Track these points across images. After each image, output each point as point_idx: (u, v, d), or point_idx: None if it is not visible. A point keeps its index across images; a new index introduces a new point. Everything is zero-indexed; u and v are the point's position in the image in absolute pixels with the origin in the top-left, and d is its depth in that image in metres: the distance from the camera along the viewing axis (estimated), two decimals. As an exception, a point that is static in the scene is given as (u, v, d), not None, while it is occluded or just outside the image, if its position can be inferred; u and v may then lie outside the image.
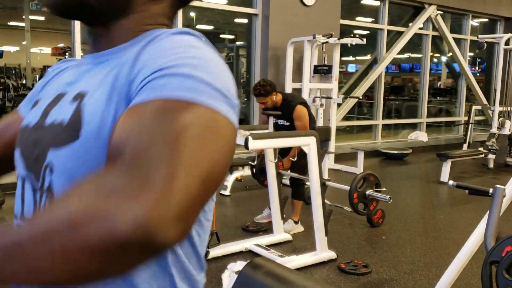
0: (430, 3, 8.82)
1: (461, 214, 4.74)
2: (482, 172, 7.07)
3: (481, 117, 9.90)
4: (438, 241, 3.97)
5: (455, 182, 2.57)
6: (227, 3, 8.53)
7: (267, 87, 3.86)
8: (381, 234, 4.07)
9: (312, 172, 3.36)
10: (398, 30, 8.89)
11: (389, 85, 14.49)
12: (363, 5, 9.00)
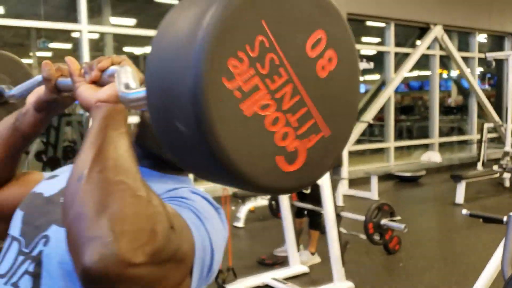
0: (436, 23, 8.88)
1: (479, 236, 4.67)
2: (498, 191, 6.99)
3: (494, 134, 9.82)
4: (456, 267, 3.92)
5: (468, 211, 2.56)
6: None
7: None
8: (398, 262, 4.03)
9: (326, 204, 3.36)
10: (405, 52, 8.94)
11: (399, 104, 14.48)
12: (369, 27, 9.09)
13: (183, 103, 0.49)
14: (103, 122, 0.66)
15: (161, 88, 0.52)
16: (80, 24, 5.73)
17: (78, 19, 5.71)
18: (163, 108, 0.52)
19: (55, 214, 0.77)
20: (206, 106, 0.48)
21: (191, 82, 0.48)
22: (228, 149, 0.50)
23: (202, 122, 0.49)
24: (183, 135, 0.51)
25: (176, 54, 0.51)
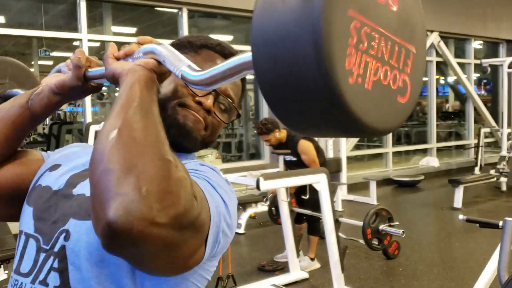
0: (432, 30, 8.96)
1: (476, 240, 4.73)
2: (495, 195, 7.05)
3: (491, 139, 9.89)
4: (455, 271, 3.97)
5: (465, 216, 2.61)
6: (232, 40, 8.76)
7: (268, 126, 3.96)
8: (397, 267, 4.07)
9: (325, 209, 3.41)
10: (402, 58, 9.00)
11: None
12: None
13: (307, 60, 0.51)
14: (139, 83, 0.68)
15: (276, 47, 0.53)
16: (80, 33, 5.78)
17: (79, 28, 5.77)
18: (278, 70, 0.53)
19: (70, 208, 0.78)
20: (331, 64, 0.50)
21: (313, 39, 0.50)
22: (353, 100, 0.53)
23: (327, 75, 0.50)
24: (303, 91, 0.53)
25: (291, 17, 0.52)
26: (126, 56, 0.76)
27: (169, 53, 0.72)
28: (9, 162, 0.88)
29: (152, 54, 0.74)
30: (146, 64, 0.72)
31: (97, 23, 7.96)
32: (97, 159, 0.61)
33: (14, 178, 0.87)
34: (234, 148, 9.34)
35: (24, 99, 0.84)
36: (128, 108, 0.64)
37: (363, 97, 0.54)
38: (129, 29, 9.31)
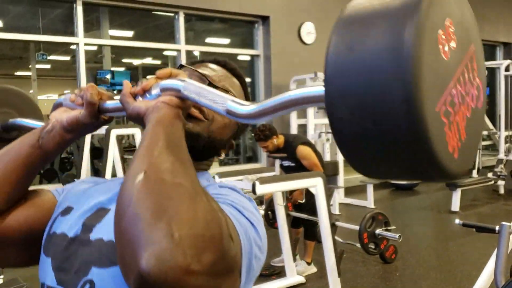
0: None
1: (474, 244, 4.71)
2: (493, 198, 7.04)
3: (489, 142, 9.90)
4: (452, 275, 3.95)
5: (461, 220, 2.60)
6: (229, 43, 8.76)
7: (266, 132, 3.95)
8: (394, 271, 4.06)
9: (321, 213, 3.40)
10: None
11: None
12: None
13: (394, 105, 0.47)
14: (163, 122, 0.66)
15: (358, 92, 0.49)
16: (77, 37, 5.77)
17: (75, 32, 5.76)
18: (359, 110, 0.50)
19: (90, 255, 0.75)
20: (421, 115, 0.47)
21: (404, 89, 0.47)
22: (438, 147, 0.49)
23: (415, 123, 0.47)
24: (382, 133, 0.49)
25: (378, 62, 0.48)
26: (144, 91, 0.73)
27: (201, 89, 0.69)
28: (21, 204, 0.83)
29: (173, 90, 0.71)
30: (170, 101, 0.70)
31: (94, 27, 7.97)
32: (123, 204, 0.58)
33: (28, 221, 0.83)
34: (232, 151, 9.34)
35: (34, 137, 0.80)
36: (154, 148, 0.62)
37: (462, 154, 0.53)
38: (127, 33, 9.32)
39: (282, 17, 7.03)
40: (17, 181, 0.79)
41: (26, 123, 1.02)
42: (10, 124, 1.05)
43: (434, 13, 0.49)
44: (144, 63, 14.06)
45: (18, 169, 0.79)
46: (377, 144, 0.50)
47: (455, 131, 0.52)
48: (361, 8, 0.52)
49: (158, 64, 14.58)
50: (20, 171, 0.79)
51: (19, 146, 0.81)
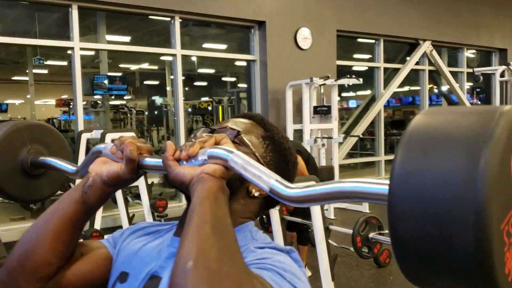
0: (425, 39, 9.03)
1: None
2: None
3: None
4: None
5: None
6: (226, 48, 8.79)
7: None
8: (388, 275, 4.07)
9: (315, 217, 3.40)
10: (395, 67, 9.07)
11: (390, 119, 14.60)
12: (360, 43, 9.24)
13: (462, 228, 0.48)
14: (208, 199, 0.68)
15: (423, 201, 0.50)
16: (72, 41, 5.77)
17: (71, 36, 5.77)
18: (422, 219, 0.50)
19: None
20: (488, 245, 0.48)
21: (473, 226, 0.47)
22: (497, 265, 0.50)
23: (482, 252, 0.48)
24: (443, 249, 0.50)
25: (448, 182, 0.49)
26: (189, 157, 0.74)
27: (246, 163, 0.70)
28: (78, 259, 0.87)
29: (219, 159, 0.72)
30: (214, 172, 0.71)
31: (91, 31, 7.98)
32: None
33: (87, 277, 0.87)
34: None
35: (77, 194, 0.83)
36: (201, 232, 0.64)
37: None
38: (124, 38, 9.34)
39: (278, 22, 7.06)
40: (67, 238, 0.82)
41: (55, 163, 1.05)
42: (39, 161, 1.08)
43: (509, 138, 0.51)
44: (141, 68, 14.09)
45: (67, 227, 0.82)
46: (436, 252, 0.50)
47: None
48: (437, 125, 0.54)
49: (155, 69, 14.61)
50: (69, 228, 0.82)
51: (64, 204, 0.84)
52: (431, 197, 0.49)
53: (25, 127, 1.12)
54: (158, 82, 15.50)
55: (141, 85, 15.54)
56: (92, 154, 0.90)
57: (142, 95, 16.52)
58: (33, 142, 1.11)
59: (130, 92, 12.53)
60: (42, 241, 0.81)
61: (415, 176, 0.51)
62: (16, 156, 1.08)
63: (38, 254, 0.80)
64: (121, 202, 5.35)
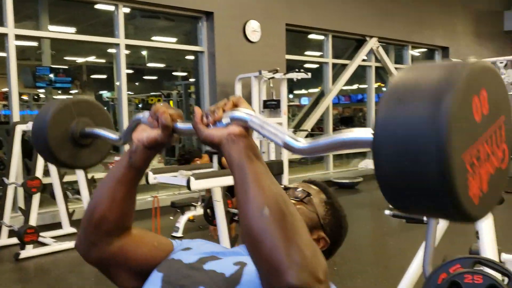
0: (372, 36, 9.19)
1: (410, 240, 4.80)
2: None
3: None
4: (388, 270, 4.01)
5: (391, 211, 2.62)
6: (176, 42, 8.62)
7: (186, 156, 4.06)
8: (332, 266, 4.07)
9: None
10: (343, 63, 9.18)
11: (340, 116, 14.85)
12: (311, 40, 9.29)
13: (428, 156, 0.58)
14: (250, 155, 0.81)
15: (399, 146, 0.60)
16: (5, 27, 5.44)
17: (4, 22, 5.43)
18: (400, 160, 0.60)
19: (200, 277, 0.92)
20: (450, 167, 0.58)
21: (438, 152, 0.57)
22: (459, 188, 0.59)
23: (446, 173, 0.58)
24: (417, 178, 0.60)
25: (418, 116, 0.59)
26: (215, 122, 0.85)
27: (264, 123, 0.82)
28: (149, 243, 1.04)
29: (241, 121, 0.83)
30: (241, 132, 0.83)
31: (33, 20, 7.61)
32: (257, 237, 0.73)
33: (148, 256, 1.02)
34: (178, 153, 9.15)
35: (125, 159, 0.97)
36: (263, 183, 0.77)
37: (481, 203, 0.63)
38: (68, 29, 8.97)
39: (227, 14, 6.97)
40: (120, 196, 0.96)
41: (103, 134, 1.20)
42: (87, 132, 1.22)
43: (473, 81, 0.61)
44: (88, 61, 13.63)
45: (119, 187, 0.96)
46: (411, 179, 0.60)
47: (478, 181, 0.62)
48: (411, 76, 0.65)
49: (102, 63, 14.17)
50: (121, 188, 0.96)
51: (117, 168, 0.99)
52: (404, 137, 0.59)
53: (72, 103, 1.27)
54: (106, 76, 15.07)
55: (88, 79, 15.05)
56: (132, 123, 1.02)
57: (90, 90, 16.00)
58: (80, 116, 1.25)
59: (76, 86, 12.13)
60: (101, 199, 0.97)
61: (392, 121, 0.61)
62: (66, 128, 1.23)
63: (98, 210, 0.96)
64: (60, 198, 5.12)
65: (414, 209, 0.68)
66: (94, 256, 0.99)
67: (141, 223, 5.89)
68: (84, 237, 0.99)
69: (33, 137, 1.26)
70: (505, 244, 2.49)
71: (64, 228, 5.20)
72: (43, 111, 1.24)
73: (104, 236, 0.97)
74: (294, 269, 0.70)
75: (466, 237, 4.55)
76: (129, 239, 1.00)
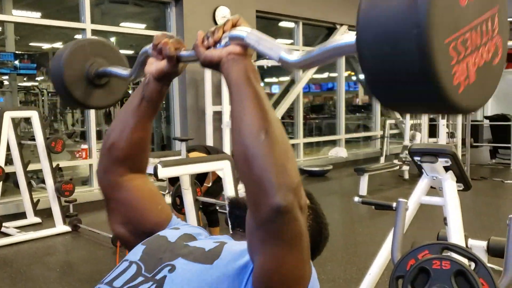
0: (342, 24, 9.21)
1: (379, 225, 4.87)
2: (399, 183, 7.38)
3: (396, 131, 10.38)
4: (357, 256, 4.05)
5: (360, 198, 2.63)
6: (145, 28, 8.44)
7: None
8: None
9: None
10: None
11: (310, 104, 14.90)
12: (281, 28, 9.24)
13: (409, 46, 0.57)
14: (250, 76, 0.82)
15: (381, 36, 0.59)
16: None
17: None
18: (383, 51, 0.60)
19: (180, 250, 0.95)
20: (430, 54, 0.56)
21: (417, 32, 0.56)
22: (441, 74, 0.57)
23: (427, 64, 0.56)
24: (402, 74, 0.59)
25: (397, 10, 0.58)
26: (215, 43, 0.87)
27: (261, 39, 0.83)
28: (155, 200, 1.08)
29: (239, 40, 0.85)
30: (240, 52, 0.85)
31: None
32: (252, 156, 0.76)
33: (147, 211, 1.06)
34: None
35: (139, 91, 1.02)
36: (261, 107, 0.79)
37: (467, 92, 0.61)
38: (34, 14, 8.66)
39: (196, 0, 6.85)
40: (132, 127, 1.01)
41: (114, 71, 1.24)
42: (101, 71, 1.26)
43: None
44: (54, 47, 13.25)
45: (131, 118, 1.01)
46: (392, 66, 0.59)
47: (464, 70, 0.60)
48: None
49: (69, 49, 13.80)
50: (132, 119, 1.01)
51: (129, 101, 1.04)
52: (386, 25, 0.58)
53: (88, 43, 1.31)
54: (73, 63, 14.67)
55: (54, 66, 14.65)
56: (139, 57, 1.07)
57: (56, 77, 15.60)
58: (95, 56, 1.28)
59: (43, 73, 11.79)
60: (114, 127, 1.04)
61: (373, 14, 0.60)
62: (82, 67, 1.26)
63: (111, 137, 1.03)
64: (24, 187, 4.96)
65: (400, 102, 0.66)
66: (104, 182, 1.05)
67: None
68: (99, 162, 1.07)
69: (51, 75, 1.31)
70: (471, 230, 2.53)
71: (28, 218, 5.05)
72: (61, 50, 1.29)
73: (115, 163, 1.03)
74: (282, 191, 0.73)
75: (434, 224, 4.63)
76: (140, 184, 1.06)
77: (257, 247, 0.81)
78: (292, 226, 0.77)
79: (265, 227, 0.77)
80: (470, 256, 1.85)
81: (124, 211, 1.05)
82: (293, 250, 0.80)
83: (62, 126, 10.87)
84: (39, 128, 4.73)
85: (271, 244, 0.78)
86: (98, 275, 3.70)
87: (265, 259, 0.80)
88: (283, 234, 0.77)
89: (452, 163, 2.32)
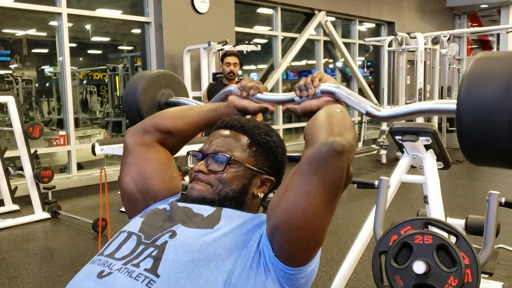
0: (320, 9, 9.22)
1: (359, 208, 4.95)
2: (376, 167, 7.49)
3: (373, 116, 10.49)
4: (338, 237, 4.11)
5: (344, 178, 2.65)
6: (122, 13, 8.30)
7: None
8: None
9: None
10: (292, 36, 9.17)
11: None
12: (259, 14, 9.20)
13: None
14: (338, 109, 1.05)
15: (478, 112, 0.85)
16: None
17: None
18: (478, 123, 0.86)
19: (179, 217, 0.99)
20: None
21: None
22: None
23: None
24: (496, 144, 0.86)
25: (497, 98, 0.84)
26: (308, 96, 1.12)
27: (350, 95, 1.09)
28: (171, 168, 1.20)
29: (330, 93, 1.10)
30: (333, 100, 1.10)
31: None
32: (330, 116, 1.00)
33: (159, 172, 1.17)
34: (125, 128, 8.95)
35: (214, 106, 1.23)
36: (345, 123, 0.98)
37: None
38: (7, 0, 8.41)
39: (174, -16, 6.77)
40: (190, 123, 1.21)
41: (183, 101, 1.43)
42: (171, 101, 1.44)
43: None
44: (28, 34, 12.92)
45: (194, 118, 1.21)
46: (488, 142, 0.85)
47: None
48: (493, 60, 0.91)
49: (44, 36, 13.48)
50: (196, 120, 1.21)
51: (202, 108, 1.25)
52: (484, 109, 0.83)
53: (162, 75, 1.49)
54: (48, 51, 14.36)
55: (30, 53, 14.29)
56: (223, 93, 1.26)
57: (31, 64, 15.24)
58: (166, 87, 1.46)
59: (16, 60, 11.52)
60: (175, 115, 1.22)
61: (474, 96, 0.85)
62: (155, 96, 1.44)
63: (167, 122, 1.19)
64: (1, 174, 4.87)
65: (487, 163, 0.95)
66: (137, 139, 1.17)
67: (88, 199, 5.73)
68: (144, 121, 1.21)
69: (124, 102, 1.47)
70: (448, 210, 2.59)
71: (6, 205, 4.96)
72: (135, 80, 1.45)
73: (160, 131, 1.18)
74: (343, 138, 0.90)
75: (412, 205, 4.73)
76: (166, 154, 1.20)
77: (301, 177, 0.90)
78: (338, 172, 0.90)
79: (317, 156, 0.89)
80: (451, 230, 1.89)
81: (143, 165, 1.15)
82: (326, 195, 0.90)
83: (37, 115, 10.65)
84: (15, 113, 4.64)
85: (314, 175, 0.89)
86: (79, 260, 3.67)
87: (301, 193, 0.90)
88: (328, 172, 0.89)
89: (433, 141, 2.37)
